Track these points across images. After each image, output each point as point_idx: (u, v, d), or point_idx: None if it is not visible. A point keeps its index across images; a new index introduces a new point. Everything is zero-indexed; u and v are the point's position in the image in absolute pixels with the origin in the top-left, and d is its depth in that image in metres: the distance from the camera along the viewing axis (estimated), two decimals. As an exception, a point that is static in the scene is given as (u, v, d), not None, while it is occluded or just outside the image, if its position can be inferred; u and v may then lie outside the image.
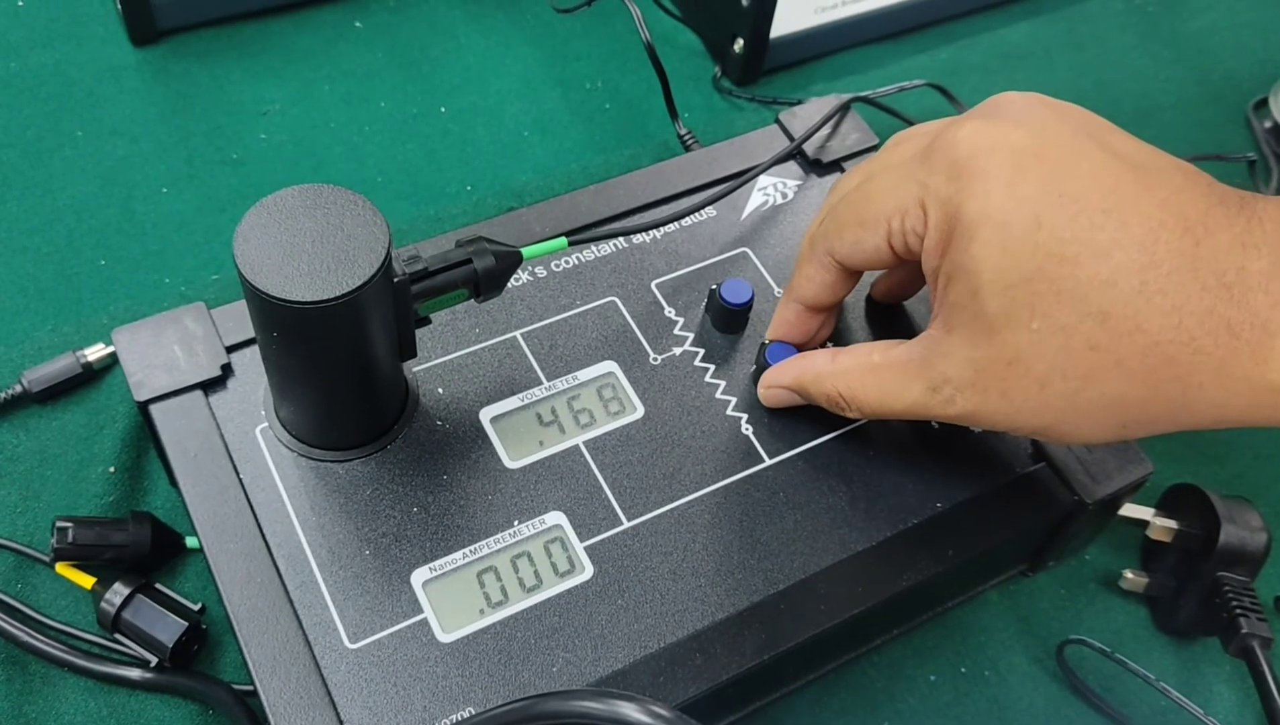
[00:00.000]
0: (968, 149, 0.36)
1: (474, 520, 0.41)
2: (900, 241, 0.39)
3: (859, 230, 0.40)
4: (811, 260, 0.43)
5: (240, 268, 0.36)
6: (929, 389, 0.38)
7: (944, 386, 0.38)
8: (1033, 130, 0.36)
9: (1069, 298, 0.34)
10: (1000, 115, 0.37)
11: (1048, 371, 0.35)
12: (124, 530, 0.44)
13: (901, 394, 0.39)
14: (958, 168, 0.36)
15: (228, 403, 0.43)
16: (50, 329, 0.51)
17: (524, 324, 0.46)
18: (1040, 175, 0.35)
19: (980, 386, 0.37)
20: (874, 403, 0.40)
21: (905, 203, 0.38)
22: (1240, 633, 0.45)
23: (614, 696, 0.28)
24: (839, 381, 0.41)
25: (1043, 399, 0.36)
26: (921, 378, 0.38)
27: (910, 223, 0.38)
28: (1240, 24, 0.73)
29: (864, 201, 0.40)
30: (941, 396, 0.38)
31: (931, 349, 0.38)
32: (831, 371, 0.42)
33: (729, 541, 0.42)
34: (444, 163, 0.60)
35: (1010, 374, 0.36)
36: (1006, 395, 0.36)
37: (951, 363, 0.37)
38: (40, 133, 0.58)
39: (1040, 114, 0.37)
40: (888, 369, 0.40)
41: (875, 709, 0.46)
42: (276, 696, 0.37)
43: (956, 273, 0.36)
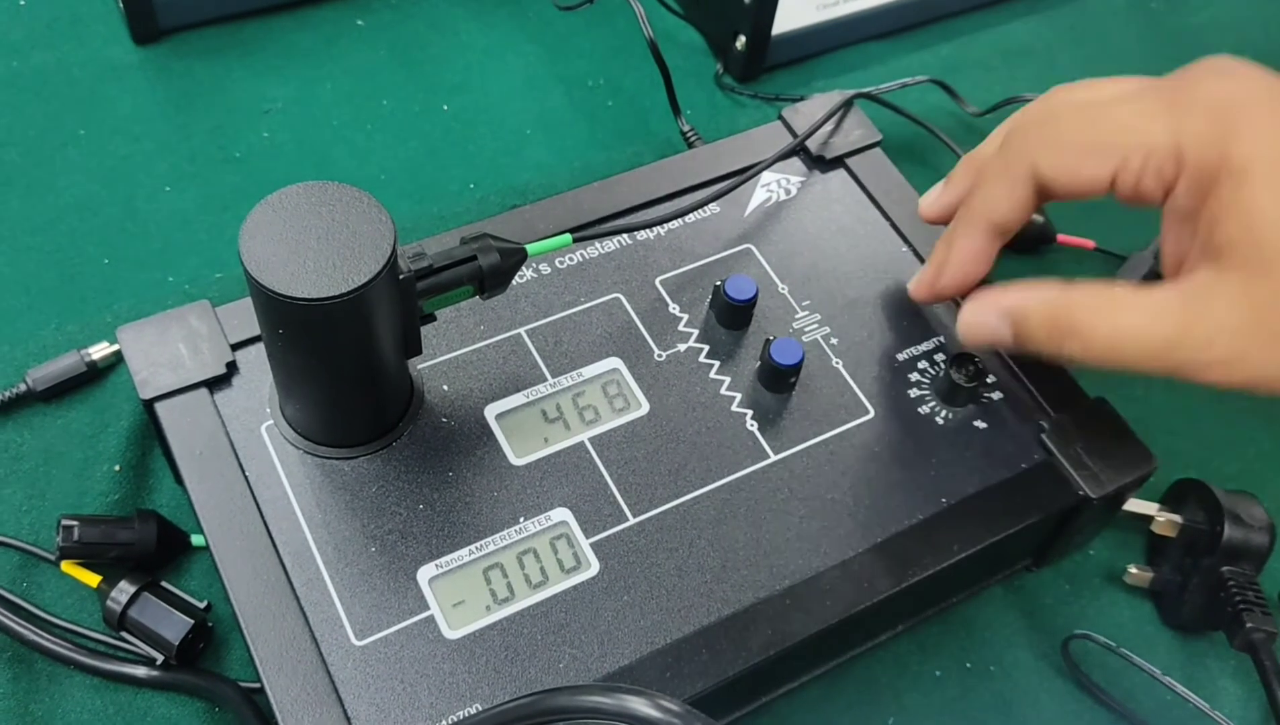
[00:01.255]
0: (1225, 94, 0.37)
1: (480, 517, 0.42)
2: (1131, 179, 0.38)
3: (1082, 154, 0.39)
4: (1004, 177, 0.41)
5: (246, 264, 0.36)
6: (1183, 328, 0.36)
7: (1204, 326, 0.36)
8: (1261, 81, 0.37)
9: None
10: (1230, 72, 0.38)
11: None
12: (129, 528, 0.44)
13: (1148, 330, 0.37)
14: (1219, 112, 0.36)
15: (233, 400, 0.43)
16: (54, 328, 0.51)
17: (529, 321, 0.46)
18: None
19: (1253, 328, 0.36)
20: (1107, 337, 0.38)
21: (1153, 142, 0.37)
22: (1245, 627, 0.45)
23: (623, 691, 0.28)
24: (1075, 306, 0.39)
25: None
26: (1178, 315, 0.37)
27: (1156, 163, 0.37)
28: (1242, 20, 0.73)
29: (1093, 126, 0.39)
30: (1198, 337, 0.36)
31: (1194, 290, 0.37)
32: (1065, 297, 0.39)
33: (734, 537, 0.42)
34: (446, 161, 0.60)
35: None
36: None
37: (1221, 302, 0.36)
38: (43, 132, 0.58)
39: (1260, 70, 0.38)
40: (1136, 302, 0.38)
41: (880, 704, 0.46)
42: (283, 693, 0.37)
43: (1227, 213, 0.36)
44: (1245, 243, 0.35)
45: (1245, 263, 0.36)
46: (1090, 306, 0.38)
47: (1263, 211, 0.35)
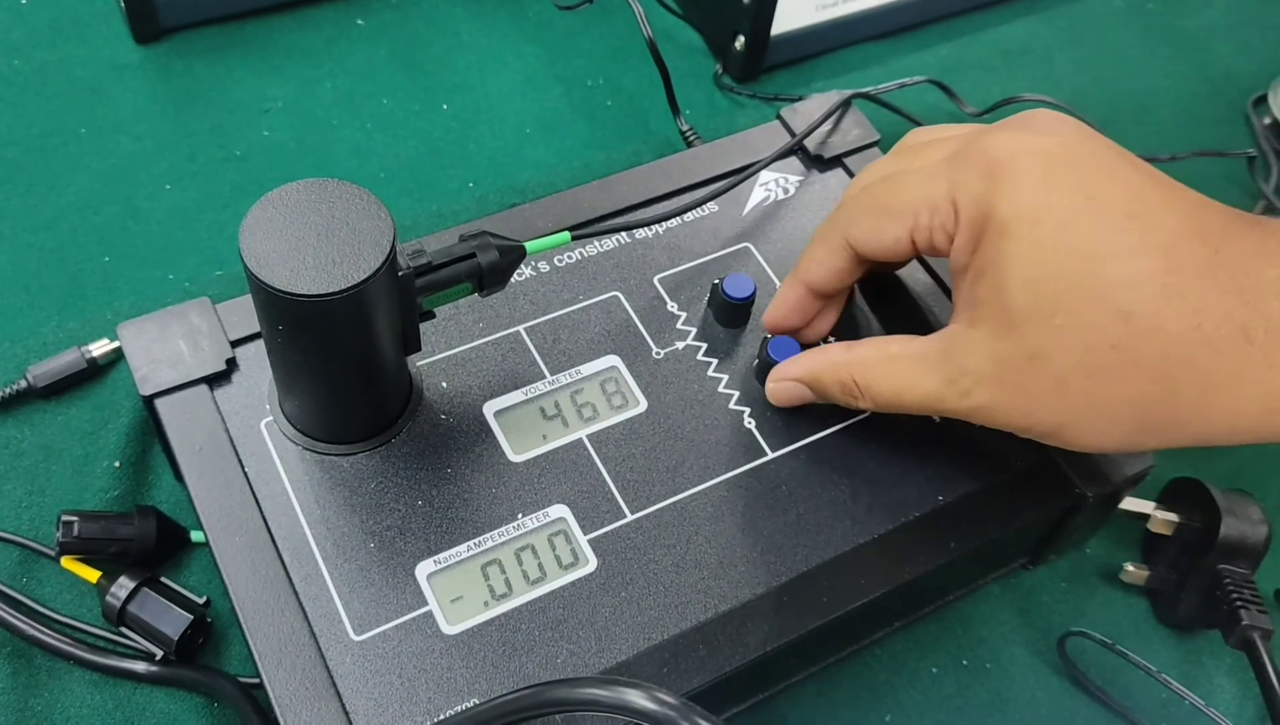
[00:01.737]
0: (1003, 151, 0.37)
1: (478, 513, 0.42)
2: (925, 236, 0.40)
3: (881, 218, 0.41)
4: (824, 243, 0.43)
5: (246, 261, 0.36)
6: (946, 381, 0.39)
7: (961, 378, 0.38)
8: (1065, 140, 0.37)
9: (1093, 296, 0.35)
10: (1032, 127, 0.39)
11: (1068, 369, 0.36)
12: (129, 524, 0.44)
13: (917, 384, 0.39)
14: (993, 168, 0.37)
15: (233, 397, 0.43)
16: (54, 325, 0.51)
17: (527, 318, 0.46)
18: (1071, 179, 0.36)
19: (998, 380, 0.37)
20: (888, 392, 0.40)
21: (936, 199, 0.39)
22: (1241, 625, 0.45)
23: (620, 684, 0.28)
24: (855, 369, 0.41)
25: (1060, 397, 0.36)
26: (940, 369, 0.39)
27: (940, 219, 0.39)
28: (1239, 21, 0.73)
29: (891, 192, 0.41)
30: (958, 388, 0.38)
31: (952, 342, 0.39)
32: (847, 359, 0.42)
33: (732, 534, 0.42)
34: (446, 160, 0.60)
35: (1030, 369, 0.36)
36: (1024, 390, 0.37)
37: (972, 355, 0.38)
38: (44, 130, 0.58)
39: (1071, 128, 0.38)
40: (905, 359, 0.40)
41: (877, 701, 0.46)
42: (282, 688, 0.37)
43: (986, 268, 0.37)
44: (995, 299, 0.37)
45: (992, 318, 0.37)
46: (869, 367, 0.41)
47: (1014, 270, 0.36)
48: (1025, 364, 0.36)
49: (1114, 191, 0.36)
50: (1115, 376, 0.35)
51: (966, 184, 0.38)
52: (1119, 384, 0.35)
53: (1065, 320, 0.35)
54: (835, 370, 0.42)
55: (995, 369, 0.37)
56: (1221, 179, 0.65)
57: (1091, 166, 0.37)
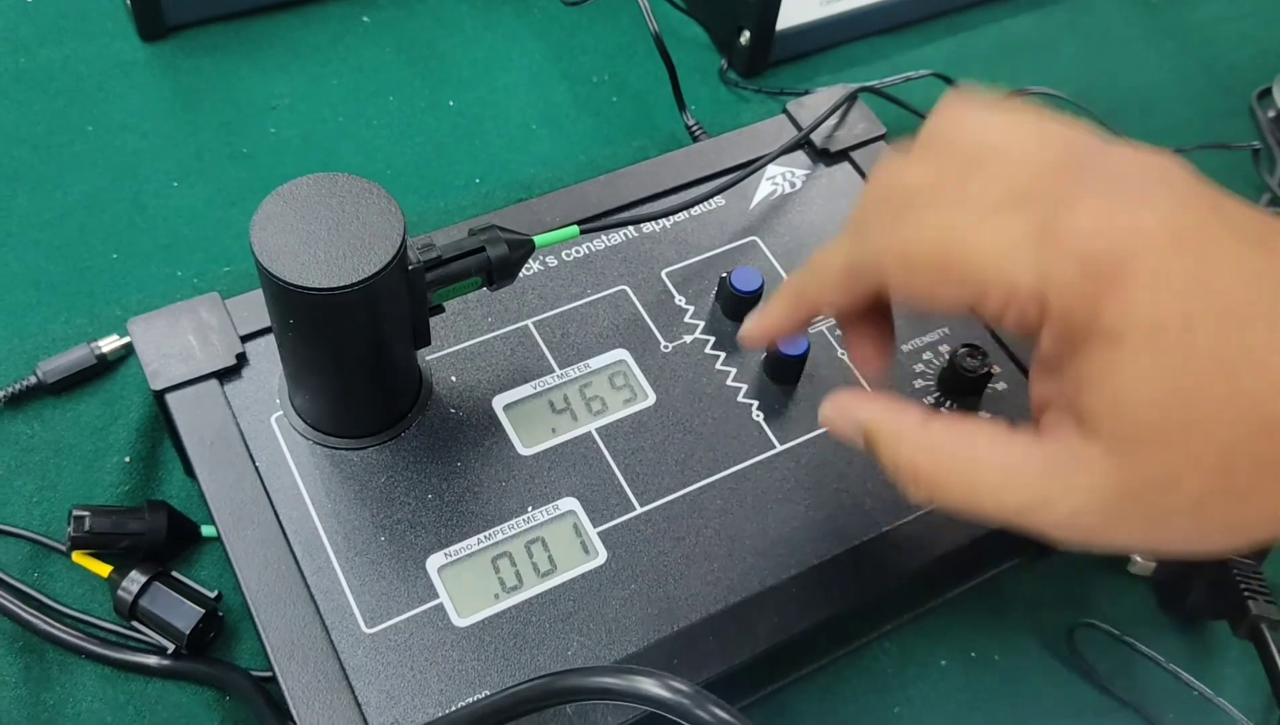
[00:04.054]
0: (1102, 241, 0.31)
1: (488, 506, 0.42)
2: (993, 314, 0.33)
3: (938, 280, 0.34)
4: (851, 279, 0.36)
5: (257, 255, 0.36)
6: (1042, 498, 0.32)
7: (1067, 497, 0.32)
8: (1164, 213, 0.31)
9: (1230, 410, 0.30)
10: (1120, 192, 0.32)
11: (1206, 491, 0.31)
12: (140, 519, 0.44)
13: (1003, 494, 0.33)
14: (1094, 264, 0.31)
15: (243, 391, 0.43)
16: (63, 322, 0.52)
17: (536, 312, 0.47)
18: (1183, 271, 0.31)
19: (1120, 509, 0.32)
20: (957, 497, 0.34)
21: (1015, 282, 0.32)
22: (1249, 615, 0.45)
23: (634, 672, 0.29)
24: (922, 456, 0.34)
25: (1197, 520, 0.31)
26: (1039, 483, 0.33)
27: (1019, 306, 0.32)
28: (1243, 14, 0.74)
29: (954, 253, 0.33)
30: (1060, 512, 0.32)
31: (1059, 455, 0.33)
32: (916, 439, 0.35)
33: (741, 527, 0.42)
34: (452, 156, 0.60)
35: (1160, 496, 0.31)
36: (1153, 518, 0.32)
37: (1087, 475, 0.32)
38: (51, 128, 0.58)
39: (1159, 187, 0.32)
40: (994, 462, 0.34)
41: (886, 693, 0.46)
42: (295, 681, 0.37)
43: (1096, 378, 0.31)
44: (1113, 416, 0.31)
45: (1112, 436, 0.32)
46: (942, 458, 0.34)
47: (1133, 385, 0.31)
48: (1156, 488, 0.31)
49: (1229, 279, 0.31)
50: (1262, 494, 0.30)
51: (1059, 277, 0.31)
52: (1265, 501, 0.31)
53: (1200, 439, 0.30)
54: (898, 444, 0.35)
55: (1117, 493, 0.31)
56: (1226, 172, 0.65)
57: (1200, 248, 0.31)
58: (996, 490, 0.33)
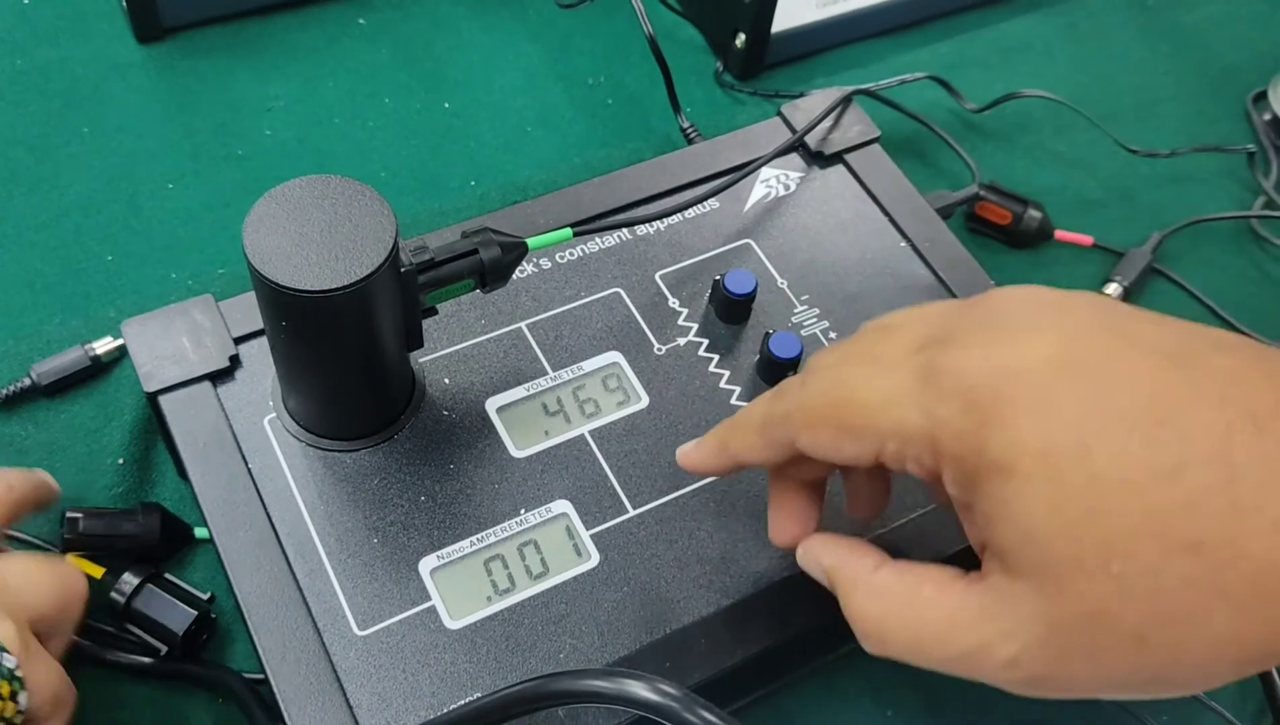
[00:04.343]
0: (981, 374, 0.31)
1: (481, 509, 0.42)
2: (896, 463, 0.33)
3: (839, 435, 0.34)
4: (764, 436, 0.37)
5: (249, 257, 0.36)
6: (982, 646, 0.31)
7: (1004, 645, 0.31)
8: (1051, 340, 0.31)
9: (1147, 531, 0.29)
10: (1006, 327, 0.32)
11: (1142, 622, 0.29)
12: (133, 520, 0.44)
13: (945, 644, 0.32)
14: (973, 398, 0.31)
15: (236, 393, 0.43)
16: (58, 323, 0.52)
17: (529, 315, 0.47)
18: (1074, 394, 0.30)
19: (1056, 648, 0.30)
20: (903, 644, 0.33)
21: (906, 429, 0.32)
22: (1242, 619, 0.45)
23: (623, 675, 0.29)
24: (870, 603, 0.34)
25: (1141, 655, 0.30)
26: (976, 631, 0.32)
27: (914, 452, 0.32)
28: (1239, 16, 0.74)
29: (848, 403, 0.34)
30: (999, 657, 0.31)
31: (993, 596, 0.31)
32: (869, 584, 0.35)
33: (733, 529, 0.42)
34: (448, 158, 0.60)
35: (1096, 630, 0.30)
36: (1093, 655, 0.30)
37: (1020, 615, 0.31)
38: (47, 129, 0.58)
39: (1051, 317, 0.32)
40: (936, 609, 0.33)
41: (879, 696, 0.46)
42: (287, 683, 0.37)
43: (996, 513, 0.31)
44: (1025, 549, 0.30)
45: (1030, 571, 0.30)
46: (888, 605, 0.34)
47: (1035, 513, 0.30)
48: (1089, 625, 0.30)
49: (1129, 398, 0.29)
50: (1201, 618, 0.29)
51: (944, 419, 0.31)
52: (1209, 626, 0.29)
53: (1123, 566, 0.29)
54: (853, 591, 0.35)
55: (1050, 634, 0.30)
56: (1221, 175, 0.65)
57: (1093, 372, 0.30)
58: (939, 639, 0.33)
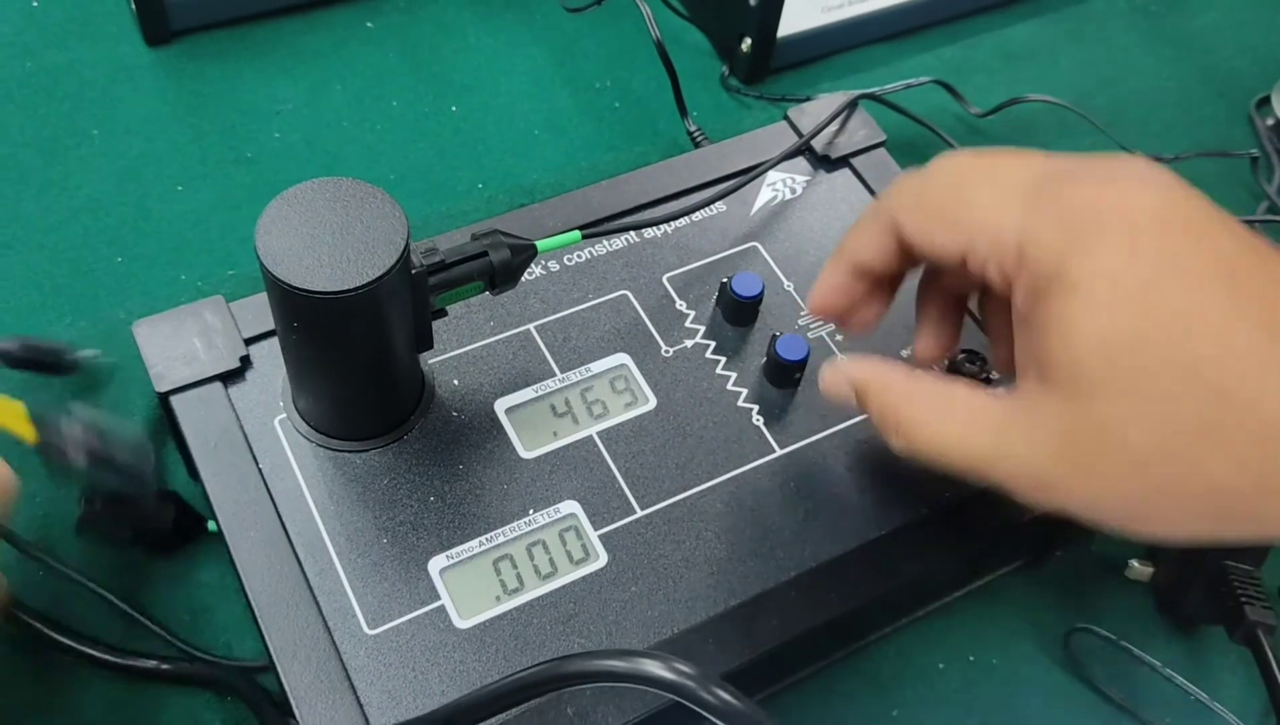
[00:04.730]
0: (1086, 205, 0.33)
1: (490, 509, 0.42)
2: (978, 263, 0.36)
3: (939, 223, 0.37)
4: (874, 220, 0.40)
5: (262, 258, 0.36)
6: (999, 446, 0.34)
7: (1020, 447, 0.34)
8: (1156, 196, 0.33)
9: (1180, 367, 0.31)
10: (1120, 176, 0.34)
11: (1147, 448, 0.32)
12: (150, 504, 0.45)
13: (965, 439, 0.35)
14: (1072, 221, 0.33)
15: (247, 394, 0.44)
16: (68, 325, 0.52)
17: (537, 317, 0.47)
18: (1159, 241, 0.32)
19: (1065, 455, 0.33)
20: (928, 437, 0.36)
21: (1001, 233, 0.35)
22: (1245, 620, 0.46)
23: (637, 655, 0.29)
24: (903, 400, 0.37)
25: (1136, 480, 0.32)
26: (997, 431, 0.34)
27: (999, 256, 0.35)
28: (1242, 22, 0.74)
29: (956, 199, 0.37)
30: (1013, 458, 0.34)
31: (1015, 404, 0.34)
32: (903, 387, 0.38)
33: (740, 530, 0.43)
34: (455, 161, 0.61)
35: (1104, 445, 0.32)
36: (1094, 470, 0.32)
37: (1036, 422, 0.33)
38: (56, 132, 0.59)
39: (1163, 182, 0.34)
40: (963, 407, 0.36)
41: (884, 696, 0.47)
42: (297, 680, 0.38)
43: (1052, 324, 0.33)
44: (1065, 362, 0.33)
45: (1063, 382, 0.33)
46: (921, 406, 0.37)
47: (1086, 332, 0.32)
48: (1098, 439, 0.32)
49: (1207, 257, 0.32)
50: (1201, 461, 0.31)
51: (1039, 231, 0.34)
52: (1205, 469, 0.31)
53: (1147, 392, 0.31)
54: (883, 392, 0.38)
55: (1062, 442, 0.33)
56: (1224, 180, 0.66)
57: (1184, 227, 0.33)
58: (962, 437, 0.35)
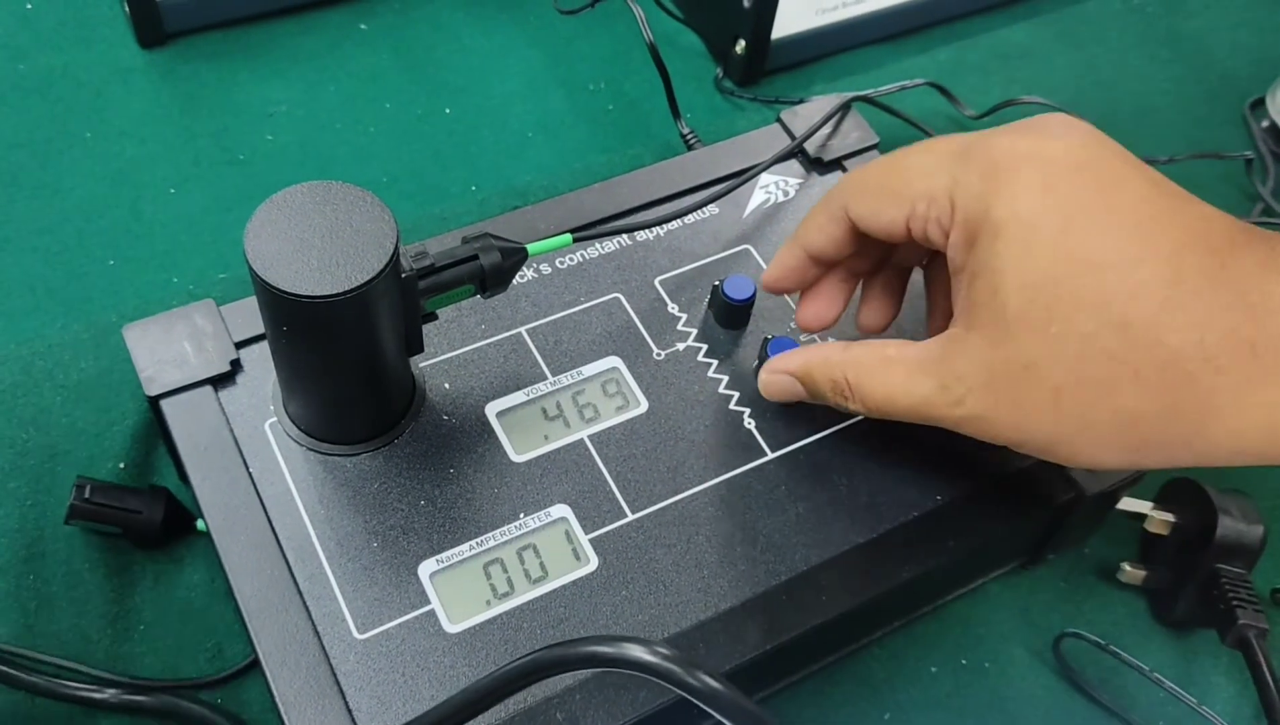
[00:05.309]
0: (1006, 153, 0.36)
1: (480, 513, 0.42)
2: (920, 226, 0.39)
3: (881, 198, 0.40)
4: (825, 209, 0.42)
5: (251, 262, 0.36)
6: (939, 387, 0.37)
7: (955, 386, 0.37)
8: (1072, 145, 0.36)
9: (1091, 304, 0.34)
10: (1041, 131, 0.37)
11: (1063, 380, 0.35)
12: (139, 498, 0.45)
13: (910, 390, 0.38)
14: (994, 168, 0.36)
15: (237, 398, 0.43)
16: (60, 327, 0.52)
17: (529, 320, 0.47)
18: (1074, 185, 0.35)
19: (992, 390, 0.36)
20: (879, 395, 0.40)
21: (934, 190, 0.38)
22: (1237, 624, 0.46)
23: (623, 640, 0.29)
24: (849, 368, 0.40)
25: (1056, 410, 0.35)
26: (934, 375, 0.38)
27: (935, 212, 0.38)
28: (1237, 23, 0.74)
29: (893, 173, 0.40)
30: (951, 396, 0.37)
31: (948, 347, 0.38)
32: (842, 358, 0.41)
33: (731, 534, 0.43)
34: (449, 163, 0.60)
35: (1025, 379, 0.35)
36: (1019, 403, 0.36)
37: (966, 361, 0.37)
38: (49, 134, 0.59)
39: (1082, 133, 0.37)
40: (901, 363, 0.39)
41: (877, 699, 0.46)
42: (286, 685, 0.38)
43: (980, 270, 0.36)
44: (990, 304, 0.36)
45: (988, 323, 0.36)
46: (863, 367, 0.40)
47: (1008, 272, 0.35)
48: (1020, 374, 0.35)
49: (1119, 200, 0.35)
50: (1112, 390, 0.34)
51: (966, 182, 0.37)
52: (1116, 398, 0.34)
53: (1061, 328, 0.34)
54: (828, 368, 0.41)
55: (988, 378, 0.36)
56: (1219, 181, 0.66)
57: (1098, 173, 0.36)
58: (906, 388, 0.39)
